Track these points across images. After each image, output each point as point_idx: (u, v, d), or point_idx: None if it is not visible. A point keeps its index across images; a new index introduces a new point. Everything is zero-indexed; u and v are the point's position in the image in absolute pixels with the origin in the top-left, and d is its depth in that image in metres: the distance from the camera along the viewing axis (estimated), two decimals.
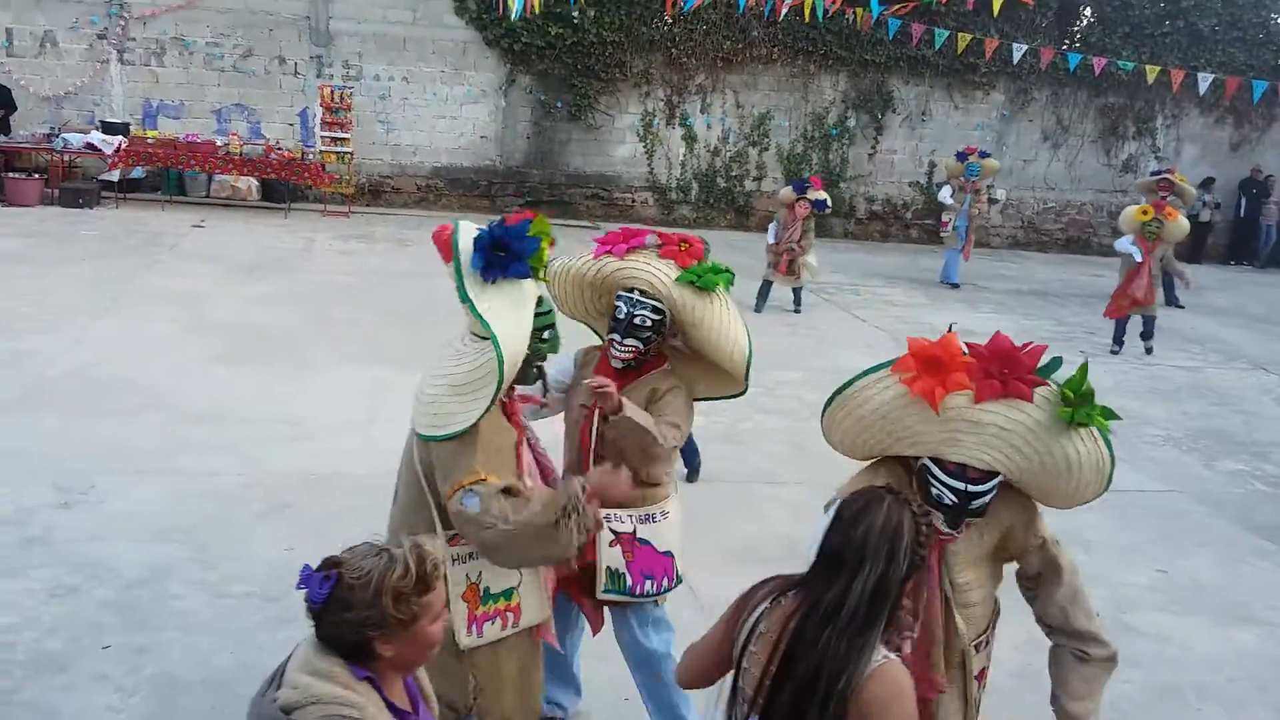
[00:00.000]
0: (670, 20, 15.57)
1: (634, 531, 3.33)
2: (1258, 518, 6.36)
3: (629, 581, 3.32)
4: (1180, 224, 9.84)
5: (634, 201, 16.44)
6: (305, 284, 10.00)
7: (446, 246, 2.83)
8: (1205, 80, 14.81)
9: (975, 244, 14.11)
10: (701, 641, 2.31)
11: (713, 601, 4.24)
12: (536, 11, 12.89)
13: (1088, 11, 17.38)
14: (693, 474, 6.09)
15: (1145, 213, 9.85)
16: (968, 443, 2.49)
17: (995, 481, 2.52)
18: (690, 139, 16.57)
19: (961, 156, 13.34)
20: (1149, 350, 10.19)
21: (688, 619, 3.79)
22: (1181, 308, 13.07)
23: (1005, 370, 2.50)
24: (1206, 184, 17.22)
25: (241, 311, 8.68)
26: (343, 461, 5.70)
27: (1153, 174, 13.45)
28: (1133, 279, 9.86)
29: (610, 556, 3.31)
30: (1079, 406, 2.44)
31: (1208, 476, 7.03)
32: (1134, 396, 8.74)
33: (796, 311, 10.77)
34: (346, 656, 1.90)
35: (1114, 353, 10.18)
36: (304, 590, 1.87)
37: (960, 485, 2.51)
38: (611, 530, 3.28)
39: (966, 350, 2.54)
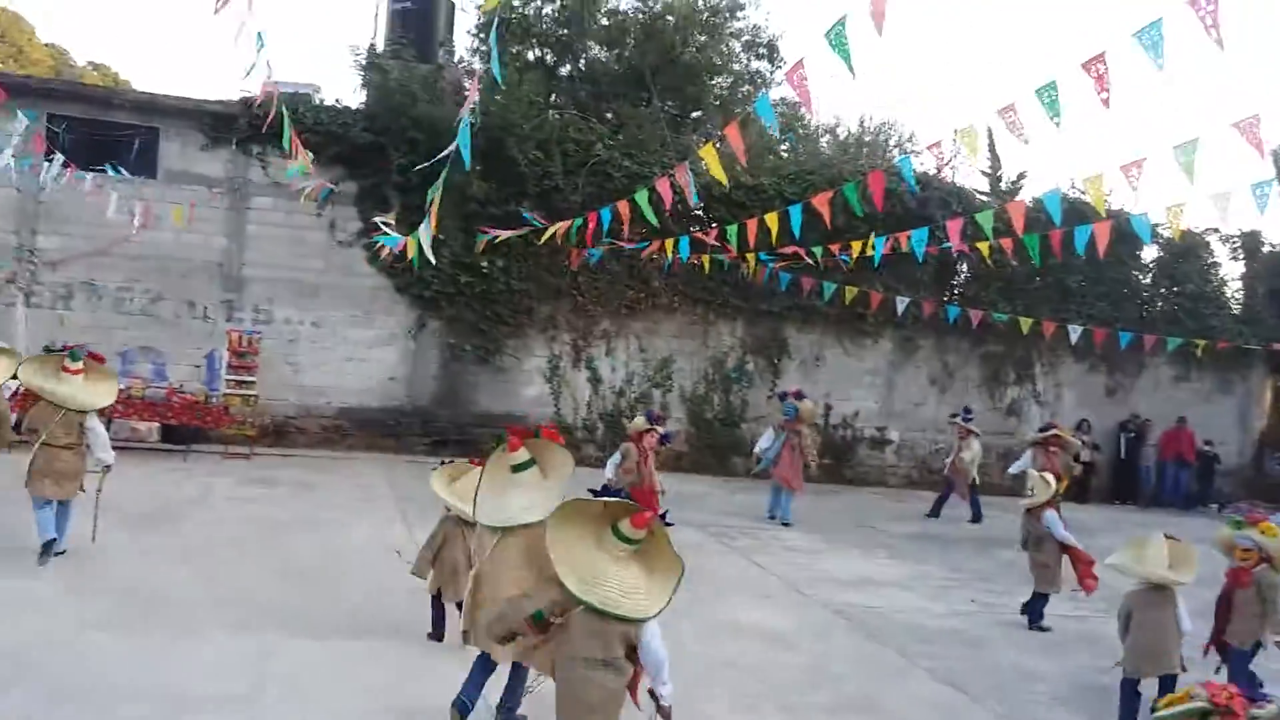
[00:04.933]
0: (575, 271, 16.34)
1: None
2: None
3: None
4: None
5: None
6: (199, 536, 9.80)
7: None
8: (1075, 331, 15.98)
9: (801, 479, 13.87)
10: None
11: None
12: (410, 256, 12.93)
13: (964, 268, 18.75)
14: None
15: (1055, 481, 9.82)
16: None
17: None
18: (595, 380, 17.07)
19: (782, 397, 13.94)
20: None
21: None
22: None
23: None
24: (1082, 426, 18.17)
25: (128, 568, 8.44)
26: None
27: (1040, 430, 14.05)
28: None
29: None
30: None
31: None
32: (1021, 650, 8.91)
33: None
34: None
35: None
36: None
37: None
38: None
39: None
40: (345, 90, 21.30)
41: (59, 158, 11.88)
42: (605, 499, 4.93)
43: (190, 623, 7.30)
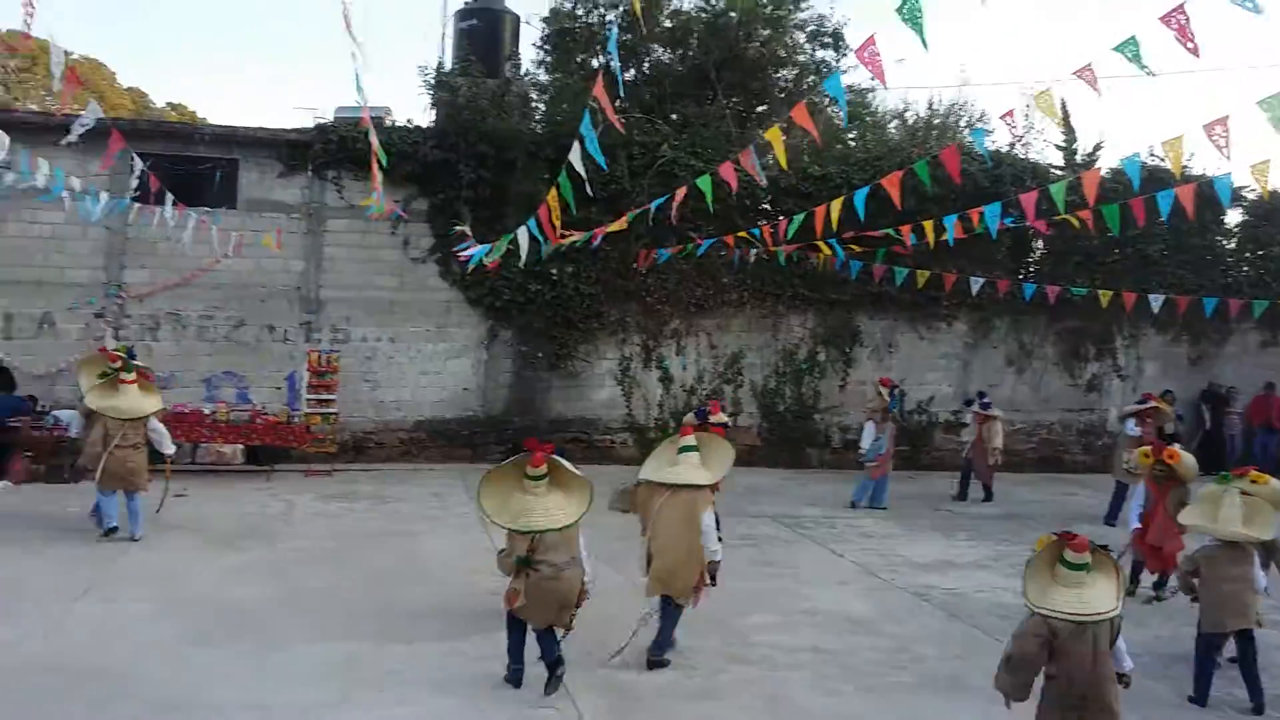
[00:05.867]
0: (644, 272, 16.41)
1: None
2: None
3: None
4: (1188, 462, 9.23)
5: (613, 443, 16.78)
6: (284, 551, 10.12)
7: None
8: (1157, 301, 15.49)
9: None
10: None
11: None
12: (489, 264, 13.12)
13: (1039, 244, 18.36)
14: None
15: (1146, 456, 9.32)
16: None
17: None
18: (666, 380, 17.12)
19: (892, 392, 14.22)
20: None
21: None
22: None
23: None
24: (1166, 397, 17.61)
25: (218, 586, 8.76)
26: None
27: (1137, 403, 13.74)
28: (1149, 525, 9.20)
29: None
30: None
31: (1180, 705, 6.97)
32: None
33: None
34: None
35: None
36: None
37: None
38: None
39: None
40: (413, 110, 21.69)
41: (155, 195, 12.34)
42: (513, 459, 6.72)
43: (280, 635, 7.56)
